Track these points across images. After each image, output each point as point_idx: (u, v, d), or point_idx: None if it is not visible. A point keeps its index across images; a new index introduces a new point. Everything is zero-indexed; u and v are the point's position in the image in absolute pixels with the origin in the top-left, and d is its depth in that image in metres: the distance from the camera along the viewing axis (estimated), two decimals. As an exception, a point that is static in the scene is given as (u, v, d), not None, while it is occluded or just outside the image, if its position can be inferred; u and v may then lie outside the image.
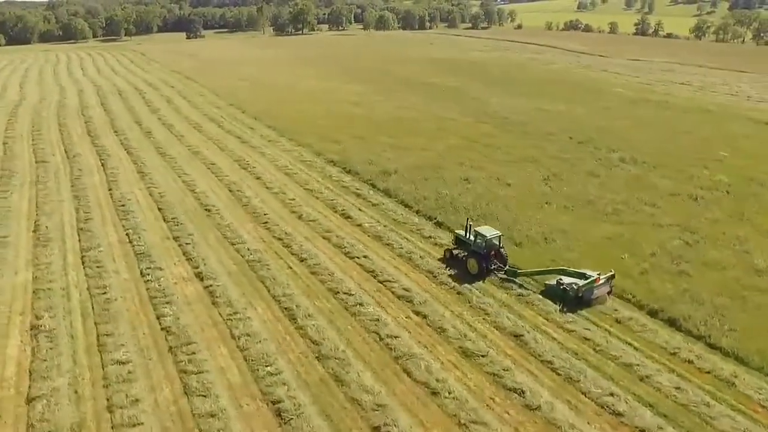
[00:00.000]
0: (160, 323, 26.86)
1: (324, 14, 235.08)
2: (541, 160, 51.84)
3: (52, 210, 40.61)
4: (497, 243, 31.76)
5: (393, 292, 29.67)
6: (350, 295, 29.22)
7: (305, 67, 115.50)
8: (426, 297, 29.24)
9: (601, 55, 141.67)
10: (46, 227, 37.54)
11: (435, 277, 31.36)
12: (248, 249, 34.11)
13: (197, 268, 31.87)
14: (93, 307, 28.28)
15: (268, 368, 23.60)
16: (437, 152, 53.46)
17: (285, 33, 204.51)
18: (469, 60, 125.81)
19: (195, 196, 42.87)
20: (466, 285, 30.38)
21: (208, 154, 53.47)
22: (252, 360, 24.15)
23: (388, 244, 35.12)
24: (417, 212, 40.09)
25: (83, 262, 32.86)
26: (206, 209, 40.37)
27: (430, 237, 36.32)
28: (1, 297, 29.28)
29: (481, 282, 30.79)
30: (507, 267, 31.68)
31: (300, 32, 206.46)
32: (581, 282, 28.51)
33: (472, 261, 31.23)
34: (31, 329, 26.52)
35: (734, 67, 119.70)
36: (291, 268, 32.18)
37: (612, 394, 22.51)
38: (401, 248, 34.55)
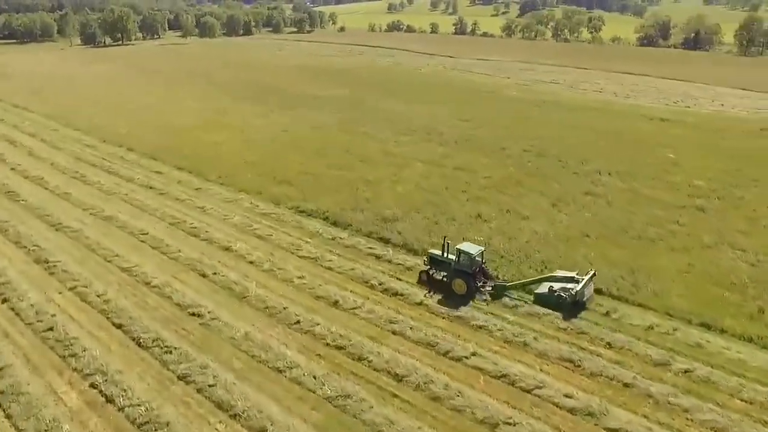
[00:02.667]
0: None
1: (135, 22, 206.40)
2: (524, 182, 47.14)
3: None
4: (480, 259, 29.91)
5: (557, 405, 21.91)
6: (512, 425, 20.76)
7: (163, 84, 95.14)
8: (597, 401, 21.94)
9: (450, 56, 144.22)
10: (-71, 398, 22.03)
11: (578, 366, 24.26)
12: (311, 376, 23.23)
13: (264, 430, 20.39)
14: None
15: None
16: (414, 184, 45.68)
17: (98, 44, 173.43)
18: (335, 67, 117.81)
19: (159, 293, 29.38)
20: (623, 371, 23.83)
21: (126, 219, 38.39)
22: None
23: (481, 327, 26.85)
24: (469, 271, 32.27)
25: (46, 461, 19.22)
26: (193, 314, 27.51)
27: (517, 305, 28.76)
28: None
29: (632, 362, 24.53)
30: (495, 283, 29.85)
31: (119, 42, 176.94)
32: (577, 287, 28.03)
33: (459, 281, 29.09)
34: None
35: (572, 64, 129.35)
36: (396, 396, 22.36)
37: None
38: (502, 330, 26.57)
